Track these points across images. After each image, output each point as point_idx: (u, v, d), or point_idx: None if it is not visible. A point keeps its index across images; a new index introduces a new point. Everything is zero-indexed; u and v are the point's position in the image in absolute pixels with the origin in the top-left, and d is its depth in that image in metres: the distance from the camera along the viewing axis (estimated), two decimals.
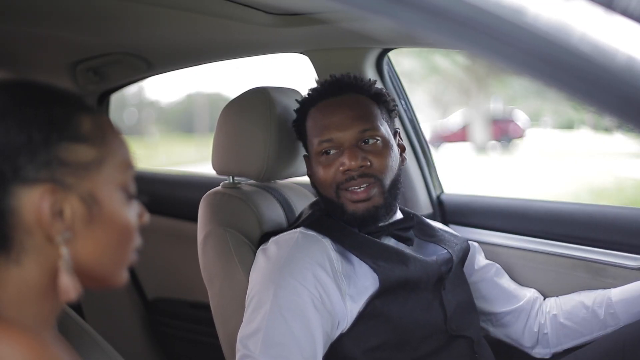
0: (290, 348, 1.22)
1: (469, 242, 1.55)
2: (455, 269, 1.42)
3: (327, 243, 1.34)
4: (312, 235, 1.35)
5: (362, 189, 1.34)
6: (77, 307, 2.28)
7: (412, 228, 1.45)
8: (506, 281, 1.60)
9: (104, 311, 2.33)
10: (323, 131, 1.37)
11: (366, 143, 1.36)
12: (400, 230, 1.41)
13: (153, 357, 2.40)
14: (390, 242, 1.40)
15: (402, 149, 1.45)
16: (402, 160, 1.43)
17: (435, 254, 1.42)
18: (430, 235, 1.47)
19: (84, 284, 0.77)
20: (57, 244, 0.72)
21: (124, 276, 0.79)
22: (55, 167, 0.71)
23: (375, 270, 1.30)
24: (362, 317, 1.30)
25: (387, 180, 1.36)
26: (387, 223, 1.41)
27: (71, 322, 1.11)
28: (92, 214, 0.73)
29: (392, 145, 1.39)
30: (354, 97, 1.40)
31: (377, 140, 1.36)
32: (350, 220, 1.37)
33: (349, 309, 1.29)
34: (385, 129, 1.39)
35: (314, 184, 1.43)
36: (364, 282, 1.31)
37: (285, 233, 1.39)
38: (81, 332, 1.10)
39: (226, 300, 1.46)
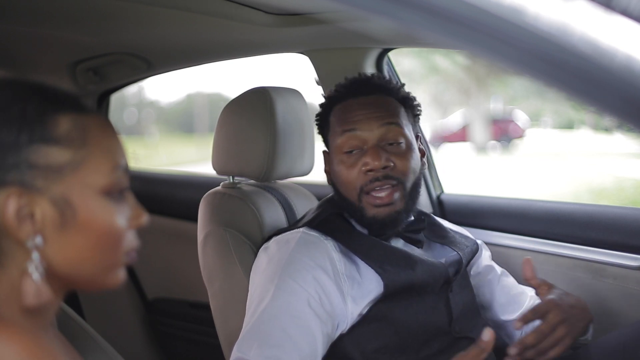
0: (286, 350, 1.21)
1: (478, 242, 1.53)
2: (462, 270, 1.41)
3: (329, 244, 1.33)
4: (314, 235, 1.34)
5: (385, 192, 1.32)
6: (77, 307, 2.29)
7: (423, 230, 1.43)
8: (508, 286, 1.55)
9: (104, 311, 2.33)
10: (347, 124, 1.35)
11: (390, 145, 1.34)
12: (411, 233, 1.40)
13: (153, 357, 2.40)
14: (399, 243, 1.39)
15: (423, 153, 1.42)
16: (422, 164, 1.41)
17: (445, 255, 1.40)
18: (441, 237, 1.46)
19: (76, 287, 0.76)
20: (28, 248, 0.70)
21: (118, 277, 0.77)
22: (24, 169, 0.69)
23: (380, 275, 1.29)
24: (365, 319, 1.29)
25: (409, 184, 1.34)
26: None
27: (71, 322, 1.11)
28: (66, 218, 0.71)
29: (414, 149, 1.37)
30: (382, 98, 1.38)
31: (401, 142, 1.35)
32: (371, 224, 1.35)
33: (350, 310, 1.28)
34: (409, 130, 1.38)
35: (333, 181, 1.40)
36: (368, 285, 1.30)
37: (288, 232, 1.38)
38: (81, 332, 1.10)
39: (226, 300, 1.46)
